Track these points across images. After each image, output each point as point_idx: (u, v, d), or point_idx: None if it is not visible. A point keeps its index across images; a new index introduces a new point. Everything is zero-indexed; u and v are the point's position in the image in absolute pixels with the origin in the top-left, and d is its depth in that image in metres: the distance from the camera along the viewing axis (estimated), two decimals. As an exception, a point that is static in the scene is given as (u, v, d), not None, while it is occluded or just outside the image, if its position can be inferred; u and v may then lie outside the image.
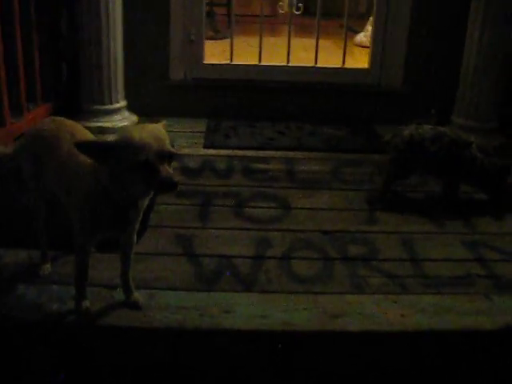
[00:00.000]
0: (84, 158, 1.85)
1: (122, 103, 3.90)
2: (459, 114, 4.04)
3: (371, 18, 6.24)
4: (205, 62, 4.28)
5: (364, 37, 6.25)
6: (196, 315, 2.12)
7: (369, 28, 6.23)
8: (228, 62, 4.35)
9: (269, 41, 4.90)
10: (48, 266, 2.35)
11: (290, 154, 3.71)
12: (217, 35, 6.26)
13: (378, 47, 4.32)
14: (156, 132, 1.77)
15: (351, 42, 6.33)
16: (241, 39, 5.46)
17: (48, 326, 2.09)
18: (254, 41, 4.56)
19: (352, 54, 5.69)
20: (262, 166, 3.51)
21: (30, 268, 2.37)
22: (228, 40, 5.99)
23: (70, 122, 2.17)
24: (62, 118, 2.20)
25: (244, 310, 2.17)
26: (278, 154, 3.70)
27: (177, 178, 1.72)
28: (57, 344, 2.10)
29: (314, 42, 4.44)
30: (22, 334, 2.11)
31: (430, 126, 3.07)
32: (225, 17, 6.70)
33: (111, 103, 3.83)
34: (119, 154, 1.74)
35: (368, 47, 5.98)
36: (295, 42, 4.73)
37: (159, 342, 2.08)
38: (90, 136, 2.14)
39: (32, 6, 3.58)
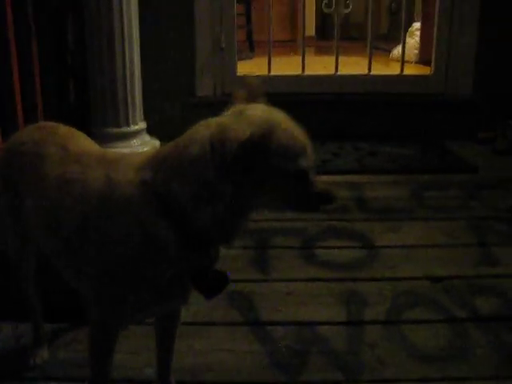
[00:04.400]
0: (106, 180, 1.07)
1: (141, 125, 3.06)
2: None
3: (411, 29, 5.49)
4: (238, 73, 3.44)
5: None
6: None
7: (408, 40, 5.43)
8: (266, 73, 3.52)
9: (296, 59, 4.19)
10: (43, 350, 1.48)
11: (353, 177, 2.85)
12: (239, 56, 5.47)
13: (442, 50, 3.48)
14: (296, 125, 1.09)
15: (387, 58, 5.55)
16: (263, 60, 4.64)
17: None
18: (278, 60, 3.75)
19: (393, 68, 4.89)
20: (322, 193, 2.65)
21: (16, 353, 1.50)
22: (250, 61, 5.25)
23: (64, 130, 1.32)
24: (55, 124, 1.36)
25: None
26: (338, 178, 2.82)
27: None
28: None
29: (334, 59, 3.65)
30: None
31: None
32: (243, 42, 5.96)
33: (128, 125, 2.98)
34: (266, 157, 0.98)
35: (408, 62, 5.21)
36: (315, 60, 4.05)
37: None
38: (96, 148, 1.30)
39: (30, 11, 2.80)
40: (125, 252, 1.04)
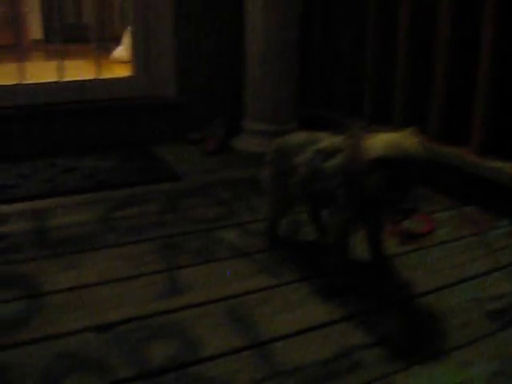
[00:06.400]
0: None
1: None
2: (253, 118, 3.05)
3: (127, 30, 5.16)
4: None
5: (123, 51, 5.08)
6: None
7: (126, 41, 5.10)
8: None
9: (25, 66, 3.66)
10: None
11: (41, 203, 2.40)
12: None
13: (140, 50, 3.17)
14: None
15: (108, 60, 5.16)
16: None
17: None
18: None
19: (113, 70, 4.52)
20: (-6, 230, 2.16)
21: None
22: None
23: None
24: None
25: None
26: (20, 206, 2.37)
27: None
28: None
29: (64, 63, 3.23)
30: None
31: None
32: None
33: None
34: None
35: (126, 62, 4.88)
36: (48, 65, 3.56)
37: None
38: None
39: None
40: None
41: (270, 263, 1.89)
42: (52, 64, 3.68)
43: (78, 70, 3.92)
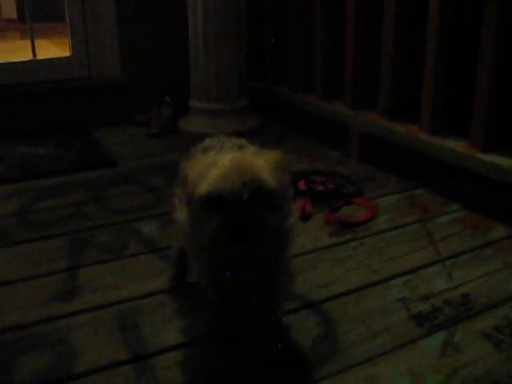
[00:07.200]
0: None
1: None
2: (199, 97, 2.85)
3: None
4: None
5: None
6: None
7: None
8: None
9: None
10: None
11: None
12: None
13: (80, 29, 2.95)
14: None
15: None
16: None
17: None
18: None
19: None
20: None
21: None
22: None
23: None
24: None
25: None
26: None
27: None
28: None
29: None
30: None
31: None
32: None
33: None
34: None
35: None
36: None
37: None
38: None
39: None
40: None
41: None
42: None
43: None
